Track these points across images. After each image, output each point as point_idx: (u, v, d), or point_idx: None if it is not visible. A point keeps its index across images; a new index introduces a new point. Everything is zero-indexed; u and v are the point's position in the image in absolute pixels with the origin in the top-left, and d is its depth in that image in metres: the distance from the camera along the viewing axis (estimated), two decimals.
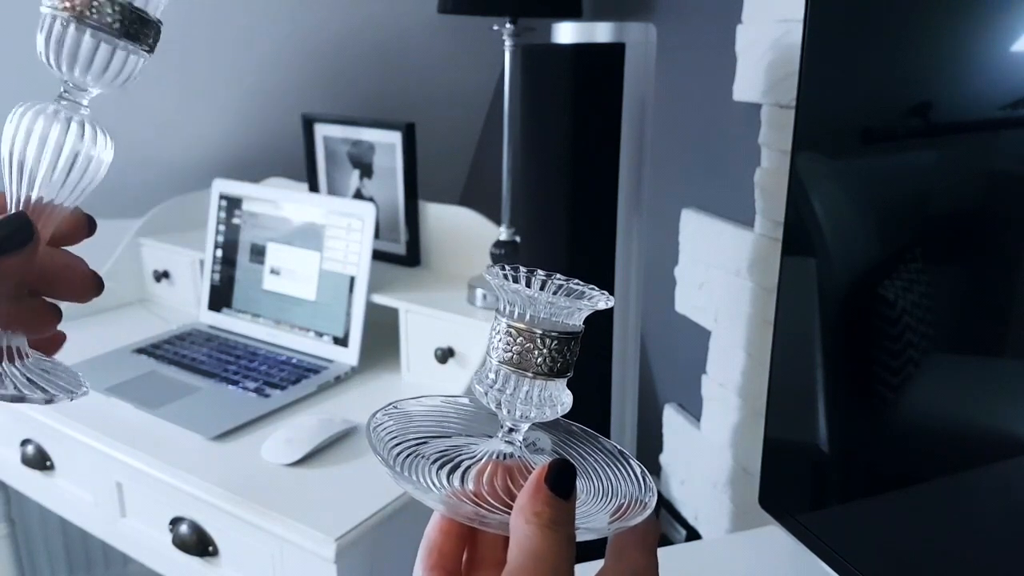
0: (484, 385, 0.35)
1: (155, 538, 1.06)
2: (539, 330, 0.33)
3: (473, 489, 0.33)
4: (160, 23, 0.33)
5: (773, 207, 1.06)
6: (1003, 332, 0.49)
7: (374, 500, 0.93)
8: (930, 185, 0.54)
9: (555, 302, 0.33)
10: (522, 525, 0.29)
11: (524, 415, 0.34)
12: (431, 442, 0.37)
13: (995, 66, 0.48)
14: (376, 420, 0.36)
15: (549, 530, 0.29)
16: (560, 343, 0.34)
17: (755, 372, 1.12)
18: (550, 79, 0.86)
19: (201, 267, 1.46)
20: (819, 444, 0.66)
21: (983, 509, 0.51)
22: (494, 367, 0.34)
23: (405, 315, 1.25)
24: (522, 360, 0.34)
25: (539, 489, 0.30)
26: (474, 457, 0.35)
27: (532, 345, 0.33)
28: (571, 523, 0.30)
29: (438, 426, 0.38)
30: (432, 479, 0.34)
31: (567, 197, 0.88)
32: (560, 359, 0.34)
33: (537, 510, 0.29)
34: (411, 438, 0.36)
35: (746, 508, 1.18)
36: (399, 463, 0.34)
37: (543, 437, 0.38)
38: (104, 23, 0.31)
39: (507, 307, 0.34)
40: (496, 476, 0.34)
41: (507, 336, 0.34)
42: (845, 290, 0.62)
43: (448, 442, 0.37)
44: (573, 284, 0.35)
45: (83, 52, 0.31)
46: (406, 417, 0.38)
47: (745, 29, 1.08)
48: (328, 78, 1.59)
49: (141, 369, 1.25)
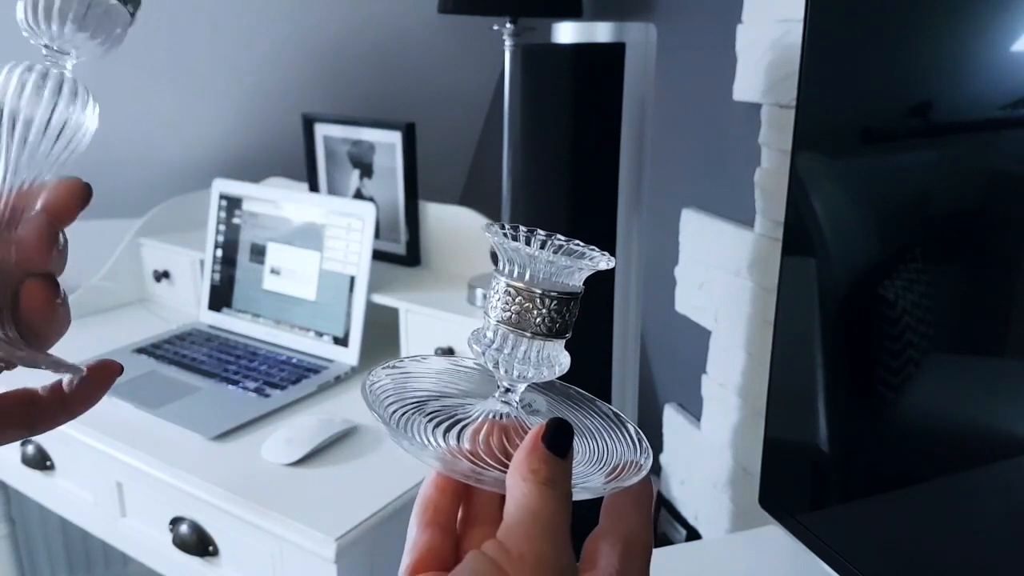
0: (482, 345, 0.34)
1: (155, 538, 1.06)
2: (538, 290, 0.33)
3: (469, 448, 0.33)
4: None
5: (773, 207, 1.06)
6: (1003, 332, 0.49)
7: (374, 500, 0.93)
8: (930, 185, 0.54)
9: (555, 261, 0.33)
10: (518, 482, 0.29)
11: (522, 375, 0.34)
12: (430, 403, 0.36)
13: (995, 66, 0.48)
14: (374, 377, 0.36)
15: (546, 487, 0.29)
16: (559, 303, 0.33)
17: (755, 372, 1.12)
18: (550, 79, 0.86)
19: (201, 267, 1.46)
20: (819, 444, 0.66)
21: (983, 509, 0.51)
22: (492, 326, 0.34)
23: (405, 315, 1.25)
24: (520, 320, 0.33)
25: (536, 447, 0.29)
26: (470, 417, 0.35)
27: (531, 305, 0.33)
28: (568, 481, 0.30)
29: (438, 387, 0.38)
30: (428, 437, 0.34)
31: (567, 197, 0.88)
32: (559, 319, 0.33)
33: (534, 467, 0.29)
34: (409, 398, 0.36)
35: (746, 508, 1.18)
36: (395, 420, 0.34)
37: (539, 399, 0.38)
38: None
39: (506, 266, 0.34)
40: (492, 435, 0.34)
41: (506, 295, 0.33)
42: (845, 290, 0.62)
43: (445, 402, 0.36)
44: (574, 244, 0.34)
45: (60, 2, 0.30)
46: (406, 376, 0.37)
47: (745, 29, 1.08)
48: (328, 78, 1.59)
49: (141, 369, 1.25)
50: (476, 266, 1.34)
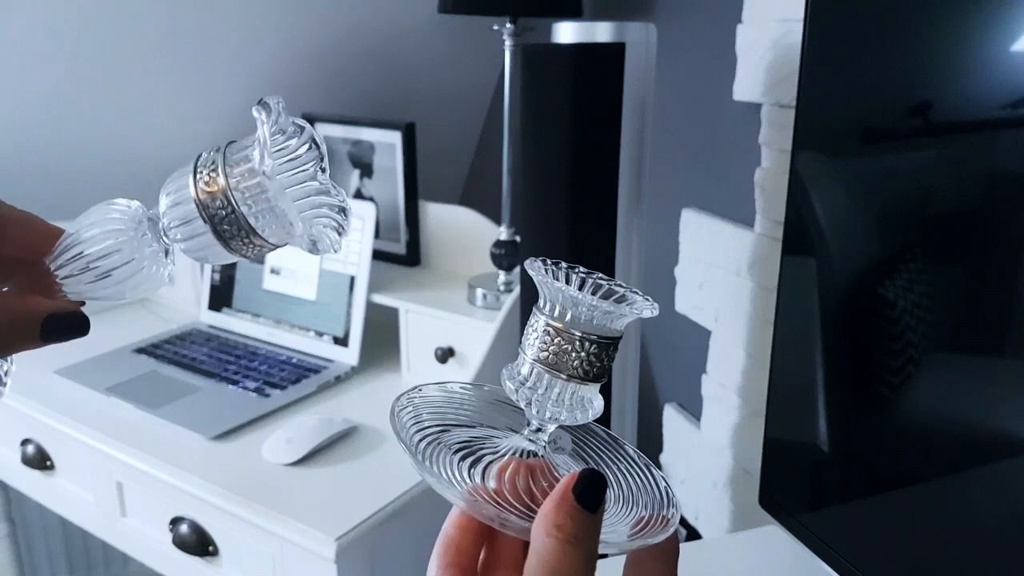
0: (515, 382, 0.33)
1: (155, 538, 1.06)
2: (578, 332, 0.32)
3: (495, 487, 0.32)
4: (274, 245, 0.32)
5: (773, 207, 1.06)
6: (1003, 332, 0.49)
7: (374, 500, 0.93)
8: (930, 185, 0.54)
9: (598, 306, 0.31)
10: (542, 536, 0.28)
11: (554, 416, 0.33)
12: (452, 431, 0.36)
13: (995, 66, 0.48)
14: (400, 403, 0.35)
15: (570, 545, 0.28)
16: (599, 347, 0.32)
17: (755, 372, 1.12)
18: (550, 79, 0.86)
19: (201, 267, 1.46)
20: (819, 444, 0.66)
21: (983, 509, 0.51)
22: (527, 363, 0.33)
23: (405, 315, 1.25)
24: (558, 361, 0.32)
25: (565, 499, 0.28)
26: (497, 452, 0.34)
27: (570, 347, 0.32)
28: (594, 539, 0.28)
29: (458, 414, 0.37)
30: (454, 472, 0.33)
31: (567, 197, 0.88)
32: (597, 363, 0.32)
33: (559, 522, 0.28)
34: (433, 425, 0.35)
35: (746, 508, 1.18)
36: (420, 451, 0.33)
37: (564, 436, 0.37)
38: (214, 224, 0.31)
39: (546, 304, 0.33)
40: (518, 474, 0.33)
41: (544, 334, 0.32)
42: (845, 290, 0.62)
43: (470, 432, 0.36)
44: (615, 286, 0.33)
45: (183, 222, 0.31)
46: (428, 403, 0.37)
47: (745, 29, 1.08)
48: (328, 78, 1.59)
49: (141, 369, 1.25)
50: (476, 266, 1.34)
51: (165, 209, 0.31)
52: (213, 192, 0.30)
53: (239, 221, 0.31)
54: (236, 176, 0.30)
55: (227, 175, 0.30)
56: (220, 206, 0.30)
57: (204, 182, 0.30)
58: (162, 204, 0.32)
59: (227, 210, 0.30)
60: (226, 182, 0.30)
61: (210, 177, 0.30)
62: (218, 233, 0.31)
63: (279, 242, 0.32)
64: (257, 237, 0.31)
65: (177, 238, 0.32)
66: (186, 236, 0.31)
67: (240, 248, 0.31)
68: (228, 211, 0.30)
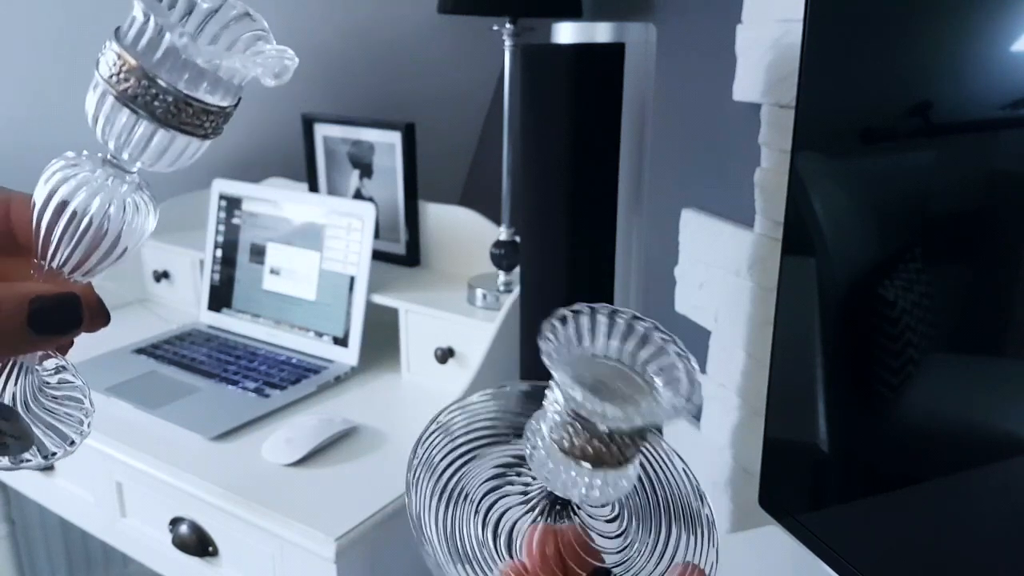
0: (542, 472, 0.32)
1: (155, 538, 1.06)
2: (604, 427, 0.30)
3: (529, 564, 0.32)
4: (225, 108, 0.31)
5: (773, 207, 1.06)
6: (1003, 332, 0.49)
7: (374, 500, 0.93)
8: (930, 185, 0.54)
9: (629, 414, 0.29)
10: None
11: (584, 500, 0.32)
12: (470, 471, 0.35)
13: (995, 66, 0.48)
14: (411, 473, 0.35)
15: None
16: (629, 436, 0.31)
17: (755, 372, 1.12)
18: (550, 79, 0.86)
19: (201, 267, 1.46)
20: (819, 444, 0.65)
21: (983, 509, 0.51)
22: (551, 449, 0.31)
23: (405, 315, 1.25)
24: (584, 452, 0.30)
25: None
26: (526, 500, 0.33)
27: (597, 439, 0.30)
28: None
29: (478, 439, 0.36)
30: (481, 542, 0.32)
31: (567, 197, 0.87)
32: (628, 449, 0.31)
33: None
34: (447, 468, 0.35)
35: (746, 508, 1.18)
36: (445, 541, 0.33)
37: None
38: (149, 110, 0.30)
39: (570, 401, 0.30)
40: (547, 544, 0.32)
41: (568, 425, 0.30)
42: (845, 290, 0.62)
43: (492, 464, 0.34)
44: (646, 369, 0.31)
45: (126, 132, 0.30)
46: (447, 434, 0.35)
47: (745, 29, 1.07)
48: (328, 78, 1.59)
49: (141, 369, 1.25)
50: (476, 266, 1.34)
51: (105, 136, 0.31)
52: (128, 80, 0.29)
53: (169, 90, 0.29)
54: (139, 51, 0.30)
55: (132, 55, 0.29)
56: (143, 87, 0.29)
57: (115, 77, 0.30)
58: (99, 135, 0.31)
59: (151, 85, 0.29)
60: (135, 61, 0.29)
61: (118, 68, 0.30)
62: (158, 117, 0.30)
63: (226, 96, 0.31)
64: (196, 101, 0.30)
65: (133, 155, 0.31)
66: (137, 143, 0.30)
67: (193, 123, 0.30)
68: (152, 87, 0.29)
